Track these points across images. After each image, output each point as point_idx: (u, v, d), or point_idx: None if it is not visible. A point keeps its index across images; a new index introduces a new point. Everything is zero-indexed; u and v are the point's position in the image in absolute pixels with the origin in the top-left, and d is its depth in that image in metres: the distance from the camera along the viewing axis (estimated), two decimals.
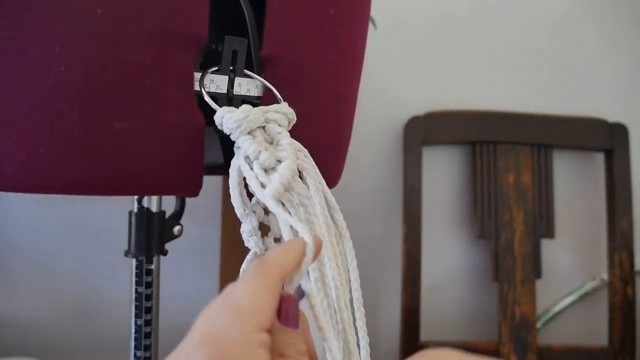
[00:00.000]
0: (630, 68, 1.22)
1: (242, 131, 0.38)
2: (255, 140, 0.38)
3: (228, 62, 0.42)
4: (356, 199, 1.18)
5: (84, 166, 0.38)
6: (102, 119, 0.37)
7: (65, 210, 1.06)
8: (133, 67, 0.37)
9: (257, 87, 0.44)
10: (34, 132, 0.36)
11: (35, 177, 0.37)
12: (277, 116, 0.41)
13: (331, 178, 0.54)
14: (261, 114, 0.40)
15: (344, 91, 0.52)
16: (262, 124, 0.40)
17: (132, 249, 0.65)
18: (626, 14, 1.22)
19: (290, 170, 0.36)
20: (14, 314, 1.04)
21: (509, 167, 1.13)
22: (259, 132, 0.39)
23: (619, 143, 1.14)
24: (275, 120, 0.40)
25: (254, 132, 0.39)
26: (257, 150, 0.37)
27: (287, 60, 0.44)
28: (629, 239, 1.11)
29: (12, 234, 1.05)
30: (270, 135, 0.40)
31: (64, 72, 0.35)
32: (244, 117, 0.38)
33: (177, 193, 0.42)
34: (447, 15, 1.20)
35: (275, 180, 0.35)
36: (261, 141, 0.39)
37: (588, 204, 1.20)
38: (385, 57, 1.18)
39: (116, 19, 0.36)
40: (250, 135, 0.39)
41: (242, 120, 0.38)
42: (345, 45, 0.50)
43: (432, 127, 1.13)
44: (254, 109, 0.39)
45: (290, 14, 0.43)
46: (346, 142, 0.56)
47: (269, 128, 0.40)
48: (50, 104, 0.36)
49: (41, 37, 0.35)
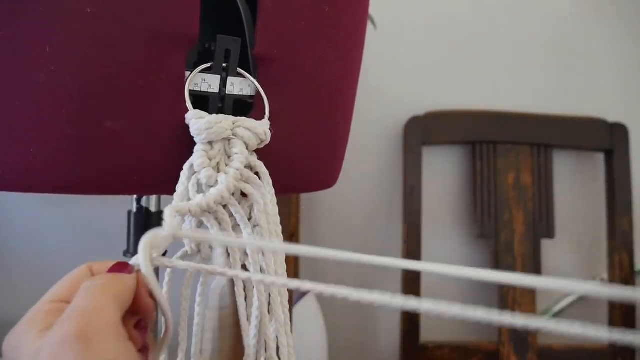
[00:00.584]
0: (630, 68, 1.22)
1: (201, 139, 0.39)
2: (209, 153, 0.39)
3: (220, 61, 0.42)
4: (356, 199, 1.18)
5: (76, 166, 0.38)
6: (93, 118, 0.37)
7: (65, 210, 1.06)
8: (124, 67, 0.37)
9: (250, 87, 0.44)
10: (26, 131, 0.36)
11: (27, 177, 0.37)
12: (245, 134, 0.40)
13: (328, 178, 0.54)
14: (230, 128, 0.40)
15: (341, 91, 0.51)
16: (229, 137, 0.40)
17: (131, 248, 0.65)
18: (626, 14, 1.22)
19: (214, 197, 0.37)
20: (14, 314, 1.04)
21: (509, 167, 1.13)
22: (220, 145, 0.40)
23: (619, 143, 1.13)
24: (242, 137, 0.40)
25: (215, 143, 0.39)
26: (201, 165, 0.38)
27: (280, 59, 0.44)
28: (629, 239, 1.11)
29: (12, 234, 1.05)
30: (230, 150, 0.40)
31: (55, 72, 0.36)
32: (206, 127, 0.38)
33: (169, 193, 0.42)
34: (447, 16, 1.19)
35: (193, 201, 0.37)
36: (216, 154, 0.39)
37: (588, 204, 1.20)
38: (385, 57, 1.18)
39: (107, 18, 0.36)
40: (209, 146, 0.39)
41: (203, 130, 0.38)
42: (342, 45, 0.49)
43: (432, 127, 1.13)
44: (224, 121, 0.40)
45: (283, 12, 0.43)
46: (344, 142, 0.56)
47: (232, 143, 0.40)
48: (42, 104, 0.36)
49: (32, 37, 0.35)
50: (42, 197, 1.03)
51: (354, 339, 1.21)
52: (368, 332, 1.22)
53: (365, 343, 1.22)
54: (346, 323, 1.20)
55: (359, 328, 1.21)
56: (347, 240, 1.17)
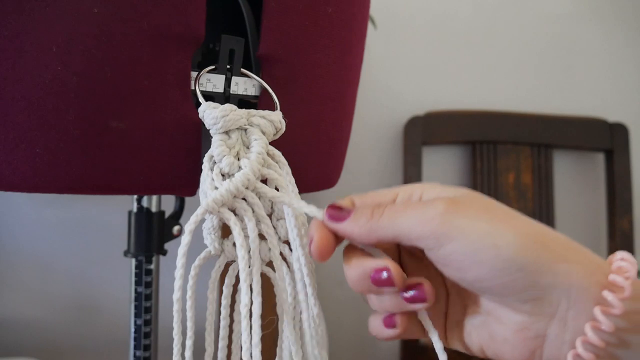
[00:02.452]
0: (630, 68, 1.22)
1: (217, 129, 0.38)
2: (227, 142, 0.38)
3: (225, 61, 0.42)
4: None
5: (81, 165, 0.38)
6: (99, 118, 0.37)
7: (65, 210, 1.06)
8: (130, 67, 0.37)
9: (255, 87, 0.44)
10: (31, 131, 0.36)
11: (32, 177, 0.37)
12: (261, 122, 0.40)
13: (330, 178, 0.54)
14: (245, 116, 0.39)
15: (343, 91, 0.52)
16: (245, 126, 0.39)
17: (132, 248, 0.65)
18: (626, 14, 1.22)
19: (241, 180, 0.36)
20: (14, 314, 1.04)
21: (509, 167, 1.13)
22: (237, 134, 0.39)
23: (619, 143, 1.14)
24: (259, 125, 0.40)
25: (231, 132, 0.39)
26: (221, 154, 0.37)
27: (284, 59, 0.44)
28: (629, 239, 1.11)
29: (12, 233, 1.05)
30: (248, 139, 0.39)
31: (61, 72, 0.35)
32: (221, 115, 0.38)
33: (174, 192, 0.42)
34: (448, 15, 1.20)
35: (221, 188, 0.36)
36: (235, 144, 0.38)
37: (588, 204, 1.20)
38: (385, 57, 1.18)
39: (113, 19, 0.36)
40: (226, 135, 0.38)
41: (219, 118, 0.38)
42: (344, 45, 0.50)
43: (432, 127, 1.13)
44: (239, 110, 0.39)
45: (287, 13, 0.43)
46: (345, 142, 0.56)
47: (249, 132, 0.39)
48: (47, 104, 0.36)
49: (38, 37, 0.35)
50: (42, 197, 1.03)
51: (354, 339, 1.21)
52: (368, 332, 1.22)
53: (365, 343, 1.22)
54: (346, 323, 1.20)
55: (359, 328, 1.21)
56: None
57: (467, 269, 0.30)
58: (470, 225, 0.30)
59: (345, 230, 0.34)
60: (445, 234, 0.30)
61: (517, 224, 0.31)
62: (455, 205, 0.31)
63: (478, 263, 0.30)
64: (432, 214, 0.31)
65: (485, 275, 0.30)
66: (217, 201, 0.35)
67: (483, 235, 0.30)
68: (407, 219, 0.32)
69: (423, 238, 0.31)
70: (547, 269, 0.29)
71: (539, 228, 0.32)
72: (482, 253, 0.30)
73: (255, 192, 0.37)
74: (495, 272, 0.30)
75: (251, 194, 0.37)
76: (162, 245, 0.66)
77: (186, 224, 0.34)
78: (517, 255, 0.29)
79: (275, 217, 0.39)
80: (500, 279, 0.30)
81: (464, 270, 0.31)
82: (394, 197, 0.36)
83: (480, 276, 0.30)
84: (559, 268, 0.29)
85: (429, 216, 0.31)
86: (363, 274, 0.33)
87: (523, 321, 0.31)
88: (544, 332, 0.31)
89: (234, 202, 0.36)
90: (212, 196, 0.35)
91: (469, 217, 0.30)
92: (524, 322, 0.31)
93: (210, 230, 0.37)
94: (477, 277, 0.30)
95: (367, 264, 0.33)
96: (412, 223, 0.31)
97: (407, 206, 0.33)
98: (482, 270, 0.30)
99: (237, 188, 0.36)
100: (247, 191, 0.37)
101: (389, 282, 0.32)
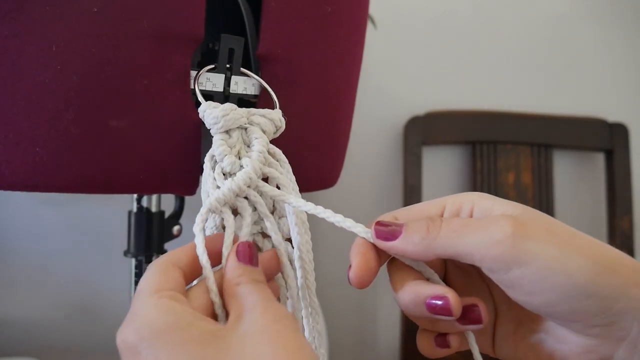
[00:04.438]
0: (630, 68, 1.22)
1: (218, 129, 0.38)
2: (227, 142, 0.38)
3: (224, 61, 0.42)
4: (356, 198, 1.18)
5: (81, 164, 0.38)
6: (98, 117, 0.37)
7: (65, 210, 1.06)
8: (130, 66, 0.37)
9: (254, 86, 0.44)
10: (31, 130, 0.36)
11: (32, 176, 0.37)
12: (262, 120, 0.40)
13: (329, 177, 0.54)
14: (245, 115, 0.40)
15: (342, 90, 0.52)
16: (245, 125, 0.40)
17: (132, 248, 0.65)
18: (626, 14, 1.22)
19: (243, 179, 0.36)
20: (14, 314, 1.04)
21: (509, 167, 1.13)
22: (237, 133, 0.39)
23: (619, 143, 1.14)
24: (259, 124, 0.40)
25: (232, 131, 0.39)
26: (222, 154, 0.37)
27: (283, 59, 0.44)
28: (629, 239, 1.11)
29: (12, 233, 1.05)
30: (249, 138, 0.40)
31: (61, 71, 0.36)
32: (222, 115, 0.38)
33: (174, 191, 0.42)
34: (447, 16, 1.20)
35: (223, 187, 0.36)
36: (235, 143, 0.39)
37: (588, 204, 1.20)
38: (385, 57, 1.18)
39: (113, 18, 0.36)
40: (227, 135, 0.38)
41: (220, 118, 0.38)
42: (343, 44, 0.50)
43: (432, 127, 1.13)
44: (239, 109, 0.39)
45: (287, 12, 0.43)
46: (344, 142, 0.56)
47: (250, 131, 0.40)
48: (47, 103, 0.36)
49: (38, 36, 0.35)
50: (42, 197, 1.03)
51: (354, 339, 1.21)
52: (368, 332, 1.22)
53: (365, 343, 1.22)
54: (346, 323, 1.20)
55: (359, 328, 1.21)
56: (348, 240, 1.17)
57: (536, 294, 0.29)
58: (540, 250, 0.29)
59: (399, 248, 0.33)
60: (514, 259, 0.29)
61: (584, 246, 0.30)
62: (524, 228, 0.29)
63: (548, 289, 0.29)
64: (500, 237, 0.29)
65: (555, 301, 0.29)
66: (220, 200, 0.35)
67: (553, 261, 0.29)
68: (470, 239, 0.30)
69: (488, 260, 0.30)
70: (619, 295, 0.28)
71: (606, 250, 0.30)
72: (553, 279, 0.29)
73: (256, 191, 0.38)
74: (566, 298, 0.29)
75: (253, 193, 0.37)
76: (162, 245, 0.66)
77: (193, 226, 0.34)
78: (589, 283, 0.28)
79: (277, 215, 0.39)
80: (570, 305, 0.29)
81: (532, 294, 0.30)
82: (442, 210, 0.35)
83: (549, 301, 0.29)
84: (631, 293, 0.28)
85: (496, 238, 0.29)
86: (417, 300, 0.32)
87: (589, 344, 0.30)
88: (611, 355, 0.30)
89: (236, 200, 0.37)
90: (215, 195, 0.35)
91: (538, 240, 0.29)
92: (590, 345, 0.30)
93: (213, 229, 0.37)
94: (545, 302, 0.29)
95: (423, 290, 0.32)
96: (477, 244, 0.30)
97: (468, 224, 0.31)
98: (551, 296, 0.29)
99: (239, 187, 0.36)
100: (249, 190, 0.37)
101: (447, 312, 0.31)
